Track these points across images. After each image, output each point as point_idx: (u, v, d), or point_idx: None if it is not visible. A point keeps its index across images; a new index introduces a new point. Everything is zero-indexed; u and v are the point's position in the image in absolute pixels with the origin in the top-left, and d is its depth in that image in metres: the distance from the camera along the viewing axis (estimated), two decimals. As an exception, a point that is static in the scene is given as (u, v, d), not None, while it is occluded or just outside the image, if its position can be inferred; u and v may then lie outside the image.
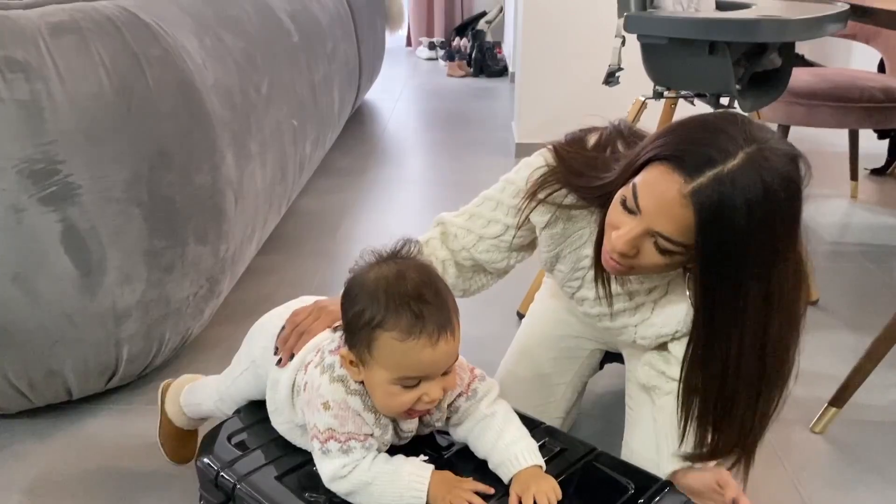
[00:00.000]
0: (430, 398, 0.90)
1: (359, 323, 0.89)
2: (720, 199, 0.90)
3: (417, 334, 0.86)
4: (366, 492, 0.92)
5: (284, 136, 2.24)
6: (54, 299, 1.42)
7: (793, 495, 1.39)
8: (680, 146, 0.93)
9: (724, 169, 0.90)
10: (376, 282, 0.89)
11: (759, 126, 0.95)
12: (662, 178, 0.93)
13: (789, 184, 0.92)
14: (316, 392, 0.94)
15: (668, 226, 0.95)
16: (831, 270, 2.29)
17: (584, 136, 1.18)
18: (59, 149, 1.36)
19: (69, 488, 1.42)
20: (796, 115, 2.38)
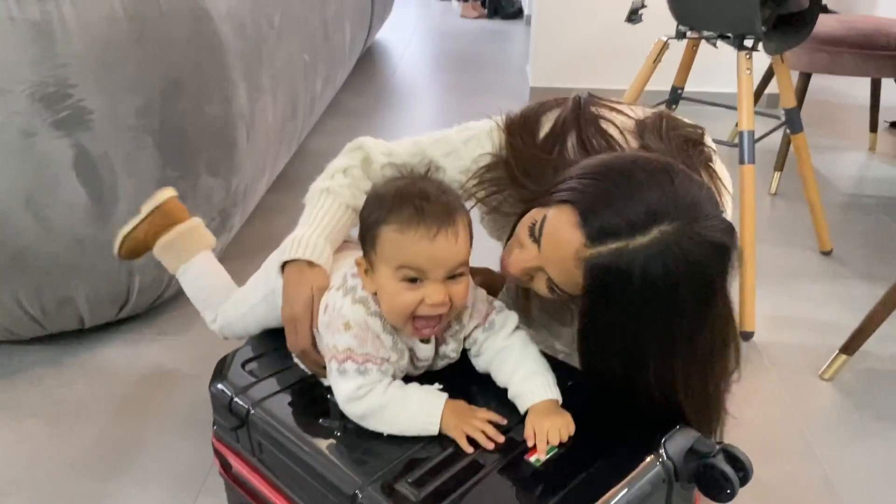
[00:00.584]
0: (431, 301, 0.89)
1: (368, 221, 0.92)
2: (615, 275, 0.84)
3: (416, 226, 0.87)
4: (379, 416, 0.92)
5: (296, 72, 2.20)
6: (66, 226, 1.41)
7: (800, 441, 1.40)
8: (593, 202, 0.86)
9: (627, 245, 0.83)
10: (386, 188, 0.93)
11: (693, 193, 0.86)
12: (566, 229, 0.87)
13: (699, 275, 0.84)
14: (337, 313, 0.94)
15: (559, 276, 0.91)
16: (846, 221, 2.27)
17: (541, 114, 1.10)
18: (70, 73, 1.33)
19: (81, 413, 1.44)
20: (819, 63, 2.33)
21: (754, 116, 1.77)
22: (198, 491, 1.26)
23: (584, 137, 1.04)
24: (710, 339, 0.90)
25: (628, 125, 1.08)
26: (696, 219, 0.84)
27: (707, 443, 0.90)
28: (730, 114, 2.54)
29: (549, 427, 0.90)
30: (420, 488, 0.83)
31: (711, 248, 0.85)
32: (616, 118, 1.08)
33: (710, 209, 0.86)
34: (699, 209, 0.85)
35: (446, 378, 0.99)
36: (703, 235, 0.84)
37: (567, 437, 0.90)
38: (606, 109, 1.09)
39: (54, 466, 1.32)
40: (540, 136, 1.08)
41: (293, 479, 0.96)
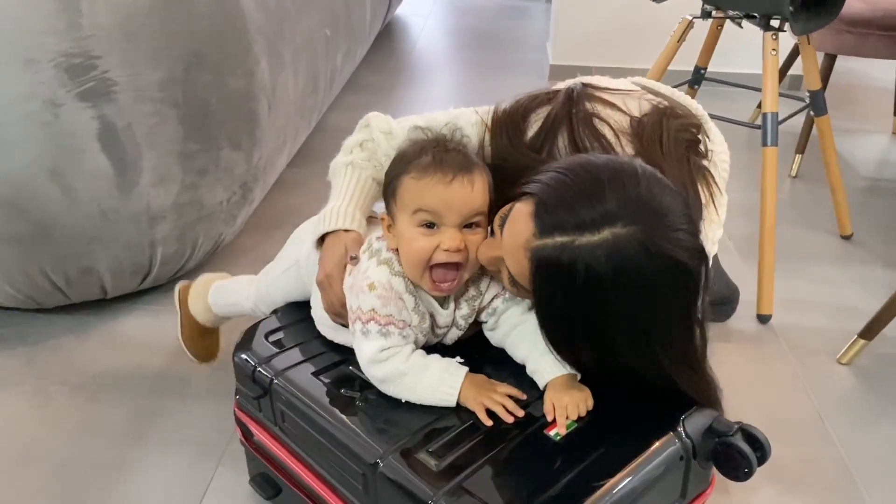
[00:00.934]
0: (446, 245, 0.91)
1: (392, 173, 0.96)
2: (556, 269, 0.82)
3: (433, 172, 0.91)
4: (399, 381, 0.93)
5: (317, 46, 2.20)
6: (90, 197, 1.42)
7: (818, 425, 1.40)
8: (552, 196, 0.84)
9: (573, 241, 0.80)
10: (409, 146, 0.98)
11: (660, 202, 0.82)
12: (522, 220, 0.85)
13: (648, 292, 0.81)
14: (362, 274, 0.96)
15: (513, 266, 0.89)
16: (867, 205, 2.25)
17: (530, 111, 1.06)
18: (95, 44, 1.34)
19: (103, 382, 1.46)
20: (846, 44, 2.30)
21: (778, 98, 1.76)
22: (219, 459, 1.28)
23: (575, 137, 1.01)
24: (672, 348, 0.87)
25: (624, 125, 1.03)
26: (656, 228, 0.80)
27: (725, 422, 0.91)
28: (750, 94, 2.52)
29: (569, 402, 0.91)
30: (440, 458, 0.85)
31: (667, 262, 0.81)
32: (611, 116, 1.04)
33: (677, 222, 0.82)
34: (663, 219, 0.81)
35: (467, 352, 1.00)
36: (659, 246, 0.80)
37: (586, 412, 0.91)
38: (601, 104, 1.05)
39: (77, 433, 1.35)
40: (528, 136, 1.04)
41: (314, 448, 0.97)
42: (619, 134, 1.02)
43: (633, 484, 0.84)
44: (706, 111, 1.18)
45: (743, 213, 2.07)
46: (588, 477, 0.83)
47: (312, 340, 1.08)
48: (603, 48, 3.28)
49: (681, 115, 1.07)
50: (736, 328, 1.66)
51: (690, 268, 0.83)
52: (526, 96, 1.08)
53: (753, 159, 2.32)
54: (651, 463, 0.86)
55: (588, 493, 0.81)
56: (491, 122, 1.07)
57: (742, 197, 2.14)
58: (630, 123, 1.04)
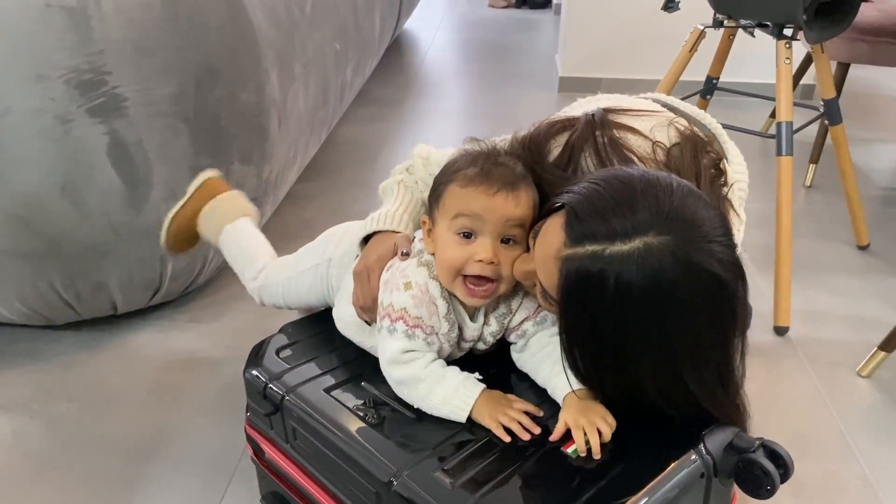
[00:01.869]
0: (479, 256, 0.91)
1: (439, 181, 0.96)
2: (585, 278, 0.80)
3: (478, 183, 0.91)
4: (415, 386, 0.93)
5: (327, 60, 2.20)
6: (101, 212, 1.42)
7: (838, 438, 1.37)
8: (583, 205, 0.82)
9: (604, 250, 0.78)
10: (462, 155, 0.97)
11: (694, 214, 0.80)
12: (553, 230, 0.84)
13: (681, 303, 0.78)
14: (401, 272, 0.96)
15: (544, 278, 0.87)
16: (883, 215, 2.22)
17: (549, 138, 1.04)
18: (106, 59, 1.34)
19: (114, 399, 1.46)
20: (859, 53, 2.28)
21: (793, 108, 1.74)
22: (230, 477, 1.27)
23: (602, 158, 1.00)
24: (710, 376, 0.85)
25: (647, 151, 1.01)
26: (690, 238, 0.78)
27: (747, 438, 0.89)
28: (762, 104, 2.50)
29: (586, 423, 0.87)
30: (456, 476, 0.83)
31: (700, 274, 0.78)
32: (634, 142, 1.02)
33: (712, 234, 0.80)
34: (698, 230, 0.79)
35: (486, 368, 0.98)
36: (692, 257, 0.78)
37: (605, 430, 0.87)
38: (624, 130, 1.03)
39: (88, 449, 1.33)
40: (552, 158, 1.03)
41: (327, 466, 0.96)
42: (643, 159, 1.00)
43: (654, 503, 0.82)
44: (719, 121, 1.16)
45: (758, 223, 2.04)
46: (606, 496, 0.81)
47: (325, 356, 1.07)
48: (612, 59, 3.27)
49: (708, 147, 1.05)
50: (753, 340, 1.63)
51: (725, 280, 0.80)
52: (545, 123, 1.07)
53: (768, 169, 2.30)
54: (671, 481, 0.84)
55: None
56: (510, 147, 1.06)
57: (757, 207, 2.10)
58: (655, 149, 1.01)
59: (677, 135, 1.04)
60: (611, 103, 1.09)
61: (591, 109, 1.06)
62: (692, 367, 0.83)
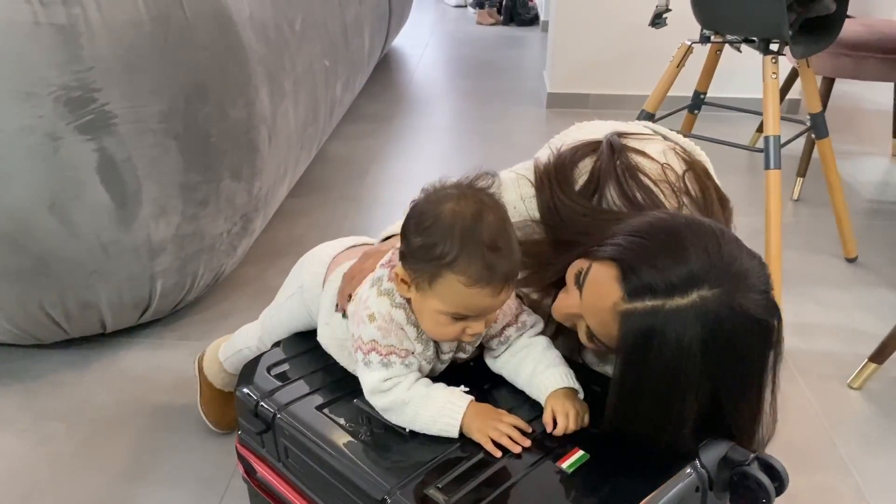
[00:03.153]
0: (472, 331, 0.91)
1: (427, 255, 0.87)
2: (648, 332, 0.82)
3: (484, 284, 0.86)
4: (402, 410, 0.92)
5: (317, 76, 2.20)
6: (90, 230, 1.41)
7: (830, 451, 1.37)
8: (636, 259, 0.85)
9: (664, 304, 0.82)
10: (453, 218, 0.86)
11: (739, 263, 0.83)
12: (606, 282, 0.87)
13: (735, 350, 0.83)
14: (363, 304, 0.95)
15: (596, 326, 0.91)
16: (870, 228, 2.24)
17: (576, 162, 1.06)
18: (95, 76, 1.34)
19: (103, 418, 1.44)
20: (844, 67, 2.31)
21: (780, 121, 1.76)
22: (221, 496, 1.26)
23: (625, 189, 1.03)
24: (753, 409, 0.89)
25: (658, 173, 1.04)
26: (739, 289, 0.82)
27: (741, 451, 0.88)
28: (750, 119, 2.52)
29: (571, 409, 0.90)
30: (450, 494, 0.82)
31: (751, 322, 0.82)
32: (646, 165, 1.05)
33: (757, 282, 0.84)
34: (744, 280, 0.83)
35: (472, 380, 0.98)
36: (743, 307, 0.82)
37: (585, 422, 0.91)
38: (634, 153, 1.06)
39: (77, 470, 1.32)
40: (578, 185, 1.05)
41: (319, 485, 0.95)
42: (657, 182, 1.04)
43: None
44: (707, 136, 1.18)
45: (746, 236, 2.02)
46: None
47: (316, 372, 1.06)
48: (600, 75, 3.29)
49: (708, 176, 1.09)
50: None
51: (772, 325, 0.84)
52: (568, 149, 1.08)
53: (755, 183, 2.32)
54: (666, 495, 0.84)
55: (603, 528, 0.79)
56: (537, 177, 1.08)
57: (746, 221, 2.10)
58: (665, 171, 1.04)
59: (680, 160, 1.07)
60: (617, 128, 1.11)
61: (607, 133, 1.08)
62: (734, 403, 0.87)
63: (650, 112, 2.02)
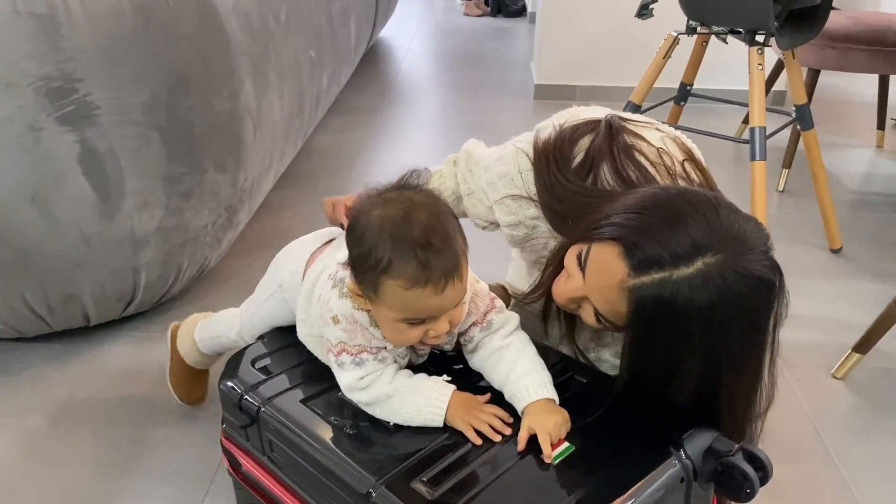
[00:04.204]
0: (435, 333, 0.89)
1: (364, 265, 0.86)
2: (658, 304, 0.84)
3: (423, 284, 0.83)
4: (385, 404, 0.92)
5: (302, 68, 2.19)
6: (72, 222, 1.40)
7: (815, 441, 1.38)
8: (637, 235, 0.86)
9: (671, 275, 0.83)
10: (381, 223, 0.84)
11: (738, 227, 0.85)
12: (610, 260, 0.87)
13: (743, 309, 0.84)
14: (326, 306, 0.94)
15: (603, 305, 0.91)
16: (855, 219, 2.25)
17: (575, 141, 1.07)
18: (76, 66, 1.32)
19: (87, 412, 1.43)
20: (829, 59, 2.31)
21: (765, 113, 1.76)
22: (206, 490, 1.25)
23: (619, 168, 1.03)
24: (756, 369, 0.91)
25: (654, 156, 1.05)
26: (741, 252, 0.83)
27: (726, 442, 0.89)
28: (735, 110, 2.53)
29: (552, 427, 0.88)
30: (435, 487, 0.82)
31: (756, 282, 0.84)
32: (644, 147, 1.06)
33: (756, 243, 0.85)
34: (745, 242, 0.84)
35: (453, 370, 0.98)
36: (747, 269, 0.83)
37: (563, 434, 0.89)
38: (632, 136, 1.06)
39: (61, 464, 1.31)
40: (574, 164, 1.06)
41: (304, 478, 0.94)
42: (653, 164, 1.04)
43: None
44: (693, 127, 1.19)
45: (732, 228, 2.06)
46: (588, 502, 0.81)
47: (301, 366, 1.05)
48: (587, 67, 3.29)
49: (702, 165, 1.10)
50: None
51: (774, 281, 0.86)
52: (569, 127, 1.09)
53: (741, 174, 2.33)
54: (651, 486, 0.84)
55: (588, 520, 0.79)
56: (536, 152, 1.09)
57: (731, 212, 2.13)
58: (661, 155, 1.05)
59: (680, 150, 1.08)
60: (619, 114, 1.12)
61: (606, 114, 1.10)
62: (737, 364, 0.88)
63: (637, 104, 2.02)
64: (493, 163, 1.15)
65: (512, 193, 1.11)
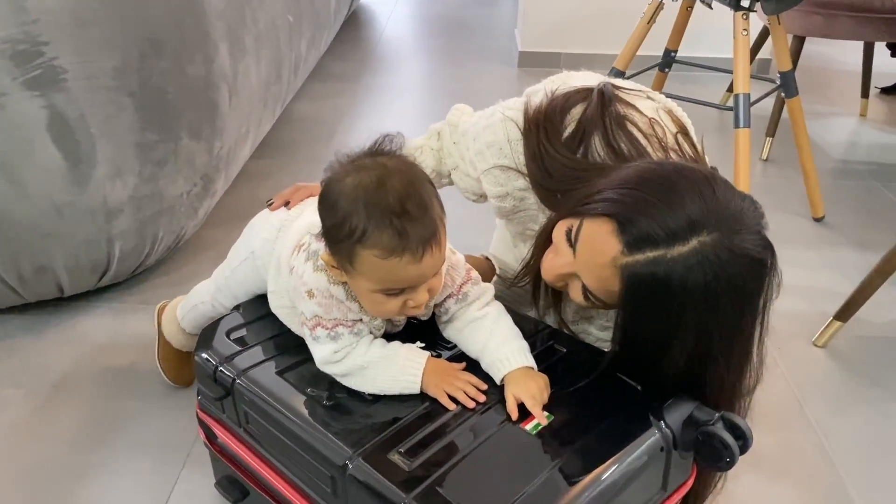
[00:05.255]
0: (415, 303, 0.88)
1: (338, 235, 0.83)
2: (651, 282, 0.82)
3: (400, 252, 0.81)
4: (360, 375, 0.91)
5: (280, 33, 2.14)
6: (42, 191, 1.36)
7: (794, 408, 1.38)
8: (634, 211, 0.84)
9: (665, 254, 0.81)
10: (355, 191, 0.82)
11: (734, 205, 0.83)
12: (603, 237, 0.85)
13: (737, 288, 0.83)
14: (300, 280, 0.92)
15: (594, 283, 0.89)
16: (838, 188, 2.25)
17: (567, 110, 1.03)
18: (42, 29, 1.27)
19: (62, 384, 1.40)
20: (814, 25, 2.29)
21: (750, 80, 1.74)
22: (183, 461, 1.23)
23: (610, 139, 1.00)
24: (746, 348, 0.90)
25: (646, 127, 1.03)
26: (737, 231, 0.82)
27: (706, 410, 0.88)
28: (720, 78, 2.51)
29: (536, 390, 0.88)
30: (412, 458, 0.81)
31: (750, 262, 0.83)
32: (636, 118, 1.03)
33: (751, 222, 0.84)
34: (740, 221, 0.83)
35: (428, 337, 0.97)
36: (742, 248, 0.82)
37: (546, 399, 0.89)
38: (625, 106, 1.03)
39: (35, 437, 1.28)
40: (565, 135, 1.02)
41: (280, 450, 0.93)
42: (647, 136, 1.01)
43: (614, 478, 0.81)
44: (678, 94, 1.17)
45: (716, 197, 2.05)
46: (566, 472, 0.80)
47: (277, 337, 1.03)
48: (572, 34, 3.24)
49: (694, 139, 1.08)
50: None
51: (767, 260, 0.85)
52: (560, 95, 1.05)
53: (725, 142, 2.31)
54: (631, 455, 0.83)
55: (566, 489, 0.78)
56: (524, 121, 1.06)
57: (714, 181, 2.12)
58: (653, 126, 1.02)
59: (673, 123, 1.05)
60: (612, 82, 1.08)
61: (600, 81, 1.06)
62: (725, 343, 0.87)
63: (621, 70, 2.00)
64: (482, 131, 1.11)
65: (500, 164, 1.08)
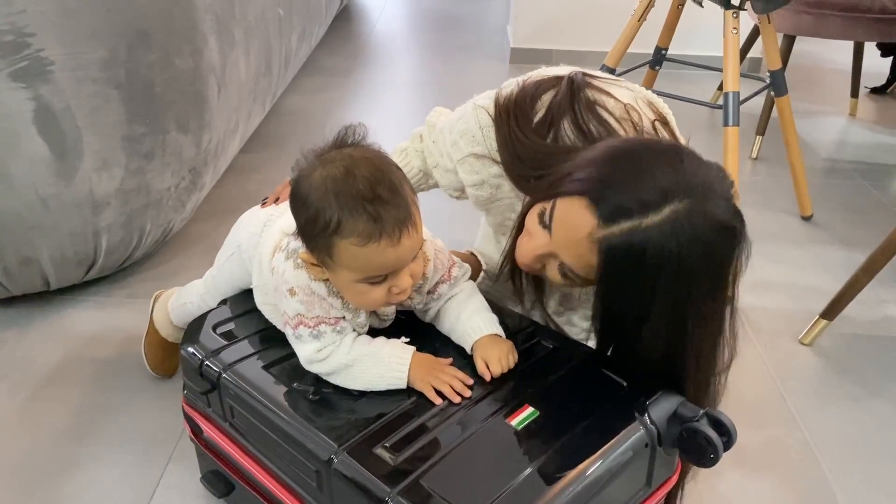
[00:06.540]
0: (399, 289, 0.88)
1: (313, 230, 0.84)
2: (628, 253, 0.84)
3: (377, 237, 0.81)
4: (346, 373, 0.91)
5: (270, 26, 2.13)
6: (28, 183, 1.35)
7: (780, 406, 1.39)
8: (603, 186, 0.85)
9: (640, 223, 0.82)
10: (324, 183, 0.82)
11: (703, 174, 0.85)
12: (578, 213, 0.86)
13: (710, 255, 0.84)
14: (281, 278, 0.92)
15: (572, 259, 0.90)
16: (826, 186, 2.26)
17: (538, 97, 1.04)
18: (28, 20, 1.26)
19: (48, 378, 1.40)
20: (804, 25, 2.30)
21: (739, 78, 1.74)
22: (169, 455, 1.23)
23: (580, 123, 1.01)
24: (719, 319, 0.91)
25: (621, 112, 1.03)
26: (708, 198, 0.83)
27: (691, 407, 0.88)
28: (711, 76, 2.51)
29: (500, 354, 0.93)
30: (397, 452, 0.81)
31: (721, 228, 0.84)
32: (609, 103, 1.03)
33: (720, 189, 0.85)
34: (710, 189, 0.84)
35: (412, 331, 0.97)
36: (714, 214, 0.83)
37: (513, 363, 0.93)
38: (598, 92, 1.04)
39: (20, 431, 1.28)
40: (535, 120, 1.03)
41: (266, 444, 0.93)
42: (620, 120, 1.02)
43: (598, 473, 0.81)
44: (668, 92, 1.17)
45: (704, 194, 2.06)
46: (551, 467, 0.80)
47: (264, 331, 1.03)
48: (564, 31, 3.25)
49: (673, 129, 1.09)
50: (699, 310, 1.65)
51: (738, 228, 0.86)
52: (531, 83, 1.06)
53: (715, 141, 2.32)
54: (616, 451, 0.83)
55: (551, 484, 0.78)
56: (494, 109, 1.06)
57: (703, 179, 2.13)
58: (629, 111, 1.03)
59: (651, 111, 1.06)
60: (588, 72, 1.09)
61: (572, 70, 1.07)
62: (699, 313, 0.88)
63: (611, 67, 2.00)
64: (455, 122, 1.12)
65: (474, 152, 1.09)
